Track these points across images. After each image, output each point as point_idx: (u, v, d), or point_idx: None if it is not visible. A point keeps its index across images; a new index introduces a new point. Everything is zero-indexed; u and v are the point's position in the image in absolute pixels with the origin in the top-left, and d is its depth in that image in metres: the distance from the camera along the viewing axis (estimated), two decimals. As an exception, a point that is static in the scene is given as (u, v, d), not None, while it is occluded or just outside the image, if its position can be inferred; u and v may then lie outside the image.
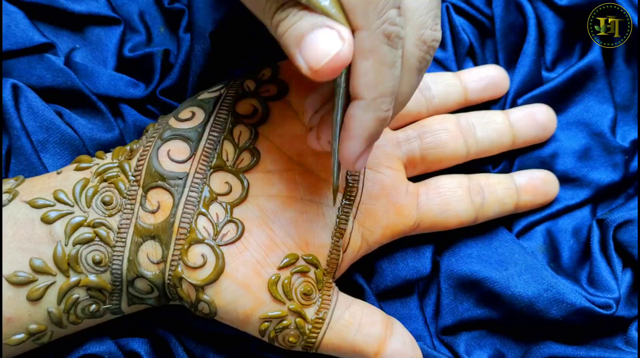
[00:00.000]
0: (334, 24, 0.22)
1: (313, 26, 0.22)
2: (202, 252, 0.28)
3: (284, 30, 0.23)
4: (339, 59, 0.22)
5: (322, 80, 0.23)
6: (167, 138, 0.30)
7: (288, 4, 0.23)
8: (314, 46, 0.22)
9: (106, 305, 0.29)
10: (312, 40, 0.22)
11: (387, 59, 0.23)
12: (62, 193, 0.29)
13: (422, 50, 0.25)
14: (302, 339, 0.29)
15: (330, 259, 0.31)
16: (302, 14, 0.23)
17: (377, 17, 0.22)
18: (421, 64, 0.25)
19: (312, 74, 0.22)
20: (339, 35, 0.22)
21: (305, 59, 0.22)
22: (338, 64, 0.22)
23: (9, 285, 0.27)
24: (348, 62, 0.22)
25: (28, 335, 0.28)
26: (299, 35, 0.23)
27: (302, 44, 0.22)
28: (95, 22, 0.37)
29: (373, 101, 0.24)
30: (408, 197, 0.33)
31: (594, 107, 0.38)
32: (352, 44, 0.22)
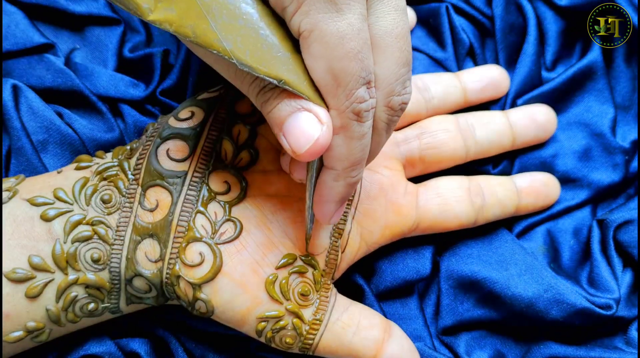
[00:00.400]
0: (312, 106, 0.24)
1: (293, 109, 0.24)
2: (200, 250, 0.28)
3: (266, 112, 0.25)
4: (319, 145, 0.24)
5: (304, 161, 0.24)
6: (167, 137, 0.30)
7: (267, 87, 0.24)
8: (294, 130, 0.24)
9: (104, 303, 0.29)
10: (292, 125, 0.24)
11: (356, 134, 0.24)
12: (62, 192, 0.29)
13: (390, 114, 0.26)
14: (299, 340, 0.29)
15: (329, 260, 0.31)
16: (281, 98, 0.24)
17: (346, 98, 0.24)
18: (389, 125, 0.26)
19: (296, 157, 0.24)
20: (317, 119, 0.23)
21: (289, 143, 0.24)
22: (318, 148, 0.24)
23: (8, 281, 0.27)
24: (327, 144, 0.24)
25: (26, 332, 0.28)
26: (279, 119, 0.24)
27: (283, 127, 0.24)
28: (95, 23, 0.37)
29: (343, 170, 0.25)
30: (407, 197, 0.33)
31: (594, 107, 0.38)
32: (330, 127, 0.24)
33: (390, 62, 0.25)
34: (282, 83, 0.23)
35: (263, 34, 0.23)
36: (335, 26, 0.23)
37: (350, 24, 0.23)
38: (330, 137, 0.24)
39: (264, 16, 0.24)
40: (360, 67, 0.23)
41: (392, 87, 0.25)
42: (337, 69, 0.23)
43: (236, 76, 0.25)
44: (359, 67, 0.23)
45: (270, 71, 0.23)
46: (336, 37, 0.23)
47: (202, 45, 0.23)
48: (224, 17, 0.23)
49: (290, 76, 0.23)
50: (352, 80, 0.23)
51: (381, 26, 0.25)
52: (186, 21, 0.23)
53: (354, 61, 0.23)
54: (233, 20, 0.23)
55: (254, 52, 0.23)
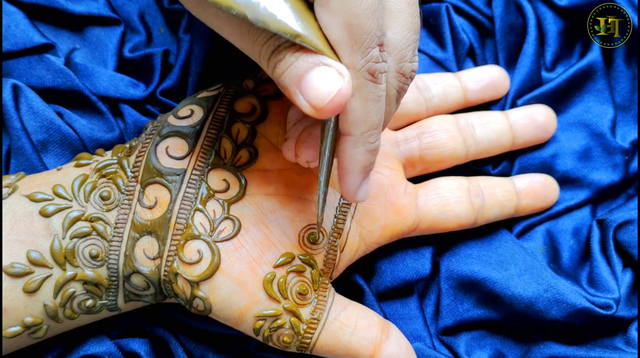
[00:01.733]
0: (331, 61, 0.23)
1: (311, 65, 0.23)
2: (198, 248, 0.28)
3: (281, 71, 0.24)
4: (342, 96, 0.23)
5: (324, 118, 0.23)
6: (166, 135, 0.30)
7: (283, 45, 0.23)
8: (314, 84, 0.23)
9: (102, 300, 0.29)
10: (312, 80, 0.23)
11: (372, 95, 0.24)
12: (61, 188, 0.29)
13: (401, 81, 0.26)
14: (297, 339, 0.29)
15: (327, 259, 0.31)
16: (298, 55, 0.23)
17: (362, 56, 0.23)
18: (400, 93, 0.26)
19: (315, 113, 0.23)
20: (337, 73, 0.23)
21: (307, 98, 0.23)
22: (341, 101, 0.23)
23: (6, 276, 0.27)
24: (349, 98, 0.23)
25: (24, 327, 0.28)
26: (297, 76, 0.23)
27: (301, 84, 0.23)
28: (95, 23, 0.37)
29: (361, 135, 0.25)
30: (407, 197, 0.33)
31: (593, 107, 0.38)
32: (350, 81, 0.23)
33: (403, 27, 0.25)
34: (299, 39, 0.23)
35: None
36: None
37: None
38: (351, 90, 0.23)
39: None
40: (376, 26, 0.23)
41: (404, 52, 0.25)
42: (355, 25, 0.23)
43: (248, 37, 0.24)
44: (375, 25, 0.23)
45: (286, 26, 0.23)
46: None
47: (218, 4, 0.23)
48: None
49: (307, 31, 0.23)
50: (368, 37, 0.23)
51: None
52: None
53: (371, 18, 0.23)
54: None
55: (268, 6, 0.23)
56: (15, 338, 0.28)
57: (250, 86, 0.32)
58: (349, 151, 0.25)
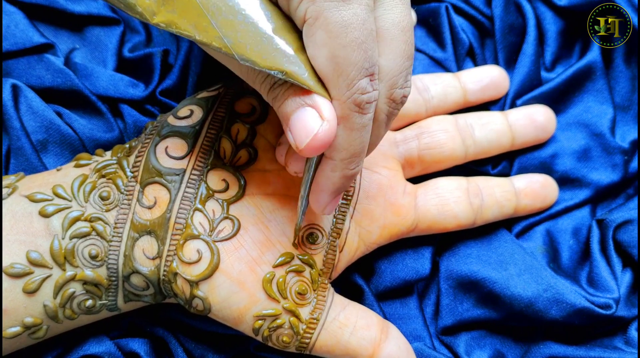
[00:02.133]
0: (317, 102, 0.24)
1: (297, 105, 0.24)
2: (198, 248, 0.28)
3: (277, 107, 0.25)
4: (318, 140, 0.24)
5: (306, 156, 0.24)
6: (165, 135, 0.30)
7: (278, 82, 0.25)
8: (297, 125, 0.24)
9: (102, 300, 0.29)
10: (296, 120, 0.24)
11: (357, 125, 0.24)
12: (61, 188, 0.29)
13: (392, 106, 0.26)
14: (296, 339, 0.29)
15: (327, 259, 0.31)
16: (288, 93, 0.24)
17: (347, 88, 0.23)
18: (389, 118, 0.26)
19: (298, 152, 0.24)
20: (318, 115, 0.24)
21: (293, 137, 0.24)
22: (318, 143, 0.24)
23: (6, 276, 0.27)
24: (328, 140, 0.24)
25: (23, 328, 0.28)
26: (286, 114, 0.25)
27: (289, 123, 0.24)
28: (94, 23, 0.37)
29: (341, 161, 0.25)
30: (406, 197, 0.33)
31: (593, 107, 0.38)
32: (333, 122, 0.24)
33: (396, 55, 0.25)
34: (284, 75, 0.23)
35: (262, 28, 0.23)
36: (340, 15, 0.23)
37: (355, 14, 0.23)
38: (333, 133, 0.24)
39: (265, 10, 0.24)
40: (363, 58, 0.23)
41: (396, 79, 0.25)
42: (340, 58, 0.23)
43: (248, 74, 0.26)
44: (361, 58, 0.23)
45: (271, 63, 0.23)
46: (340, 26, 0.23)
47: (205, 44, 0.23)
48: (223, 13, 0.23)
49: (292, 67, 0.23)
50: (354, 70, 0.23)
51: (388, 18, 0.25)
52: (188, 21, 0.23)
53: (357, 51, 0.23)
54: (232, 16, 0.23)
55: (255, 46, 0.23)
56: (15, 338, 0.28)
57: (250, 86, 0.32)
58: (327, 173, 0.26)
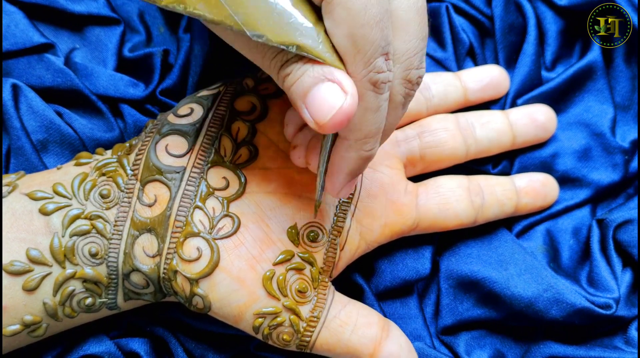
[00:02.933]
0: (337, 75, 0.23)
1: (316, 80, 0.23)
2: (198, 245, 0.28)
3: (289, 85, 0.24)
4: (342, 114, 0.23)
5: (327, 133, 0.24)
6: (166, 133, 0.30)
7: (291, 59, 0.24)
8: (317, 101, 0.23)
9: (102, 298, 0.29)
10: (316, 95, 0.23)
11: (372, 105, 0.24)
12: (61, 186, 0.29)
13: (407, 87, 0.26)
14: (297, 337, 0.29)
15: (327, 257, 0.31)
16: (305, 69, 0.23)
17: (364, 66, 0.23)
18: (406, 99, 0.26)
19: (318, 128, 0.23)
20: (341, 89, 0.23)
21: (311, 113, 0.23)
22: (343, 118, 0.23)
23: (5, 274, 0.27)
24: (352, 115, 0.23)
25: (23, 326, 0.28)
26: (303, 90, 0.23)
27: (306, 99, 0.23)
28: (94, 23, 0.37)
29: (356, 142, 0.25)
30: (407, 196, 0.33)
31: (593, 107, 0.38)
32: (355, 96, 0.23)
33: (411, 36, 0.25)
34: (298, 49, 0.23)
35: (272, 2, 0.23)
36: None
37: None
38: (355, 107, 0.23)
39: None
40: (381, 36, 0.23)
41: (411, 60, 0.25)
42: (358, 35, 0.23)
43: (257, 52, 0.25)
44: (379, 36, 0.23)
45: (284, 38, 0.23)
46: (360, 3, 0.22)
47: (215, 22, 0.23)
48: None
49: (306, 40, 0.23)
50: (371, 48, 0.23)
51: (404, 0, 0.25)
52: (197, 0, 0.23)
53: (375, 29, 0.23)
54: None
55: (266, 21, 0.23)
56: (15, 336, 0.28)
57: (250, 84, 0.32)
58: (342, 153, 0.26)
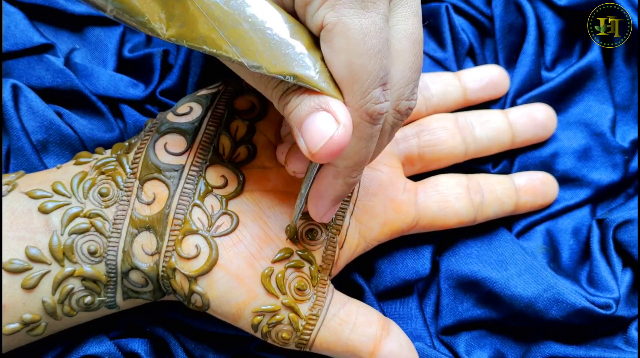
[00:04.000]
0: (332, 106, 0.23)
1: (311, 110, 0.24)
2: (196, 243, 0.28)
3: (287, 113, 0.25)
4: (333, 143, 0.23)
5: (318, 162, 0.24)
6: (165, 132, 0.30)
7: (291, 88, 0.24)
8: (310, 129, 0.23)
9: (101, 297, 0.29)
10: (310, 124, 0.24)
11: (366, 135, 0.24)
12: (60, 185, 0.29)
13: (397, 118, 0.26)
14: (296, 335, 0.29)
15: (326, 255, 0.31)
16: (302, 98, 0.24)
17: (361, 97, 0.23)
18: (393, 129, 0.26)
19: (311, 157, 0.23)
20: (334, 119, 0.23)
21: (305, 142, 0.23)
22: (333, 148, 0.23)
23: (5, 272, 0.27)
24: (344, 145, 0.23)
25: (22, 325, 0.28)
26: (299, 119, 0.24)
27: (302, 127, 0.24)
28: (94, 23, 0.37)
29: (345, 169, 0.25)
30: (406, 194, 0.33)
31: (593, 107, 0.38)
32: (348, 127, 0.23)
33: (405, 66, 0.25)
34: (295, 79, 0.23)
35: (270, 34, 0.24)
36: (360, 22, 0.23)
37: (374, 22, 0.23)
38: (348, 138, 0.23)
39: (271, 16, 0.24)
40: (379, 67, 0.23)
41: (403, 91, 0.25)
42: (357, 65, 0.23)
43: (260, 82, 0.25)
44: (377, 66, 0.23)
45: (281, 68, 0.23)
46: (359, 33, 0.23)
47: (215, 54, 0.24)
48: (230, 23, 0.23)
49: (303, 70, 0.24)
50: (369, 78, 0.23)
51: (400, 29, 0.25)
52: (197, 34, 0.24)
53: (373, 59, 0.23)
54: (238, 25, 0.23)
55: (263, 52, 0.23)
56: (14, 335, 0.28)
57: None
58: (329, 180, 0.26)
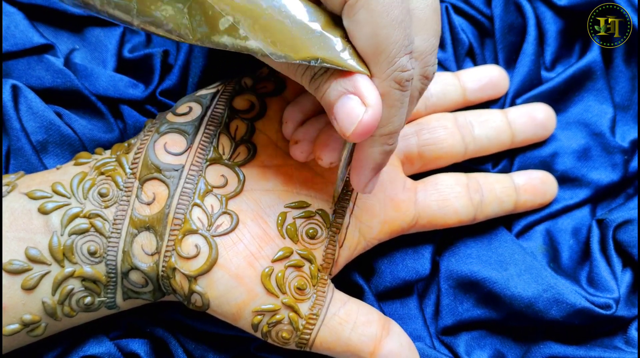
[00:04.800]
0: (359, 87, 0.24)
1: (339, 94, 0.24)
2: (196, 242, 0.28)
3: (320, 98, 0.26)
4: (364, 126, 0.24)
5: (354, 142, 0.25)
6: (164, 132, 0.30)
7: (318, 72, 0.25)
8: (341, 114, 0.24)
9: (101, 297, 0.29)
10: (340, 109, 0.24)
11: (397, 102, 0.25)
12: (60, 186, 0.29)
13: (424, 83, 0.27)
14: (296, 335, 0.29)
15: (326, 254, 0.31)
16: (330, 82, 0.25)
17: (388, 66, 0.24)
18: (420, 94, 0.27)
19: (347, 139, 0.25)
20: (361, 102, 0.24)
21: (338, 125, 0.24)
22: (364, 129, 0.24)
23: (4, 273, 0.27)
24: (374, 125, 0.24)
25: (22, 325, 0.28)
26: (330, 104, 0.25)
27: (333, 111, 0.25)
28: (94, 23, 0.37)
29: (380, 137, 0.26)
30: (406, 192, 0.33)
31: (593, 107, 0.38)
32: (376, 107, 0.24)
33: (429, 34, 0.26)
34: (320, 62, 0.24)
35: (289, 23, 0.24)
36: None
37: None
38: (378, 118, 0.24)
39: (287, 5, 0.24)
40: (404, 36, 0.24)
41: (429, 58, 0.26)
42: (382, 36, 0.23)
43: (289, 70, 0.26)
44: (402, 36, 0.24)
45: (304, 54, 0.24)
46: (382, 5, 0.23)
47: (239, 51, 0.24)
48: (248, 19, 0.24)
49: (326, 52, 0.24)
50: (395, 48, 0.24)
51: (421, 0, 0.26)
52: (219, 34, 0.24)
53: (397, 29, 0.23)
54: (256, 20, 0.24)
55: (285, 40, 0.24)
56: (14, 336, 0.28)
57: (248, 83, 0.32)
58: (367, 149, 0.26)
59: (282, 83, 0.32)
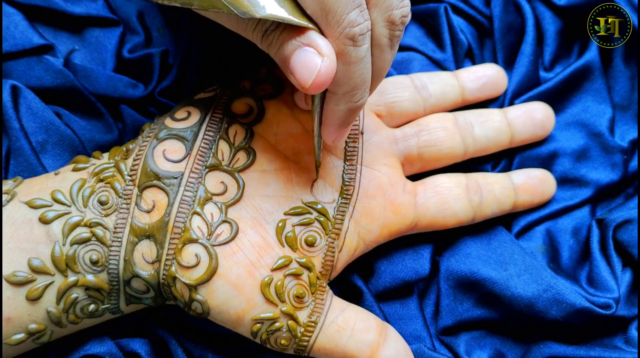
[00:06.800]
0: (313, 40, 0.24)
1: (295, 47, 0.25)
2: (196, 252, 0.28)
3: (273, 53, 0.26)
4: (322, 76, 0.24)
5: (312, 93, 0.25)
6: (163, 138, 0.30)
7: (270, 28, 0.25)
8: (298, 66, 0.25)
9: (105, 304, 0.29)
10: (296, 62, 0.25)
11: (353, 58, 0.25)
12: (60, 194, 0.29)
13: (391, 29, 0.26)
14: (294, 342, 0.29)
15: (325, 262, 0.31)
16: (283, 37, 0.25)
17: (337, 25, 0.24)
18: (392, 40, 0.27)
19: (305, 91, 0.25)
20: (317, 52, 0.24)
21: (296, 78, 0.25)
22: (323, 79, 0.24)
23: (8, 284, 0.27)
24: (332, 74, 0.24)
25: (28, 334, 0.28)
26: (285, 58, 0.25)
27: (289, 66, 0.25)
28: (94, 24, 0.37)
29: (344, 95, 0.26)
30: (405, 195, 0.33)
31: (592, 107, 0.38)
32: (331, 56, 0.24)
33: None
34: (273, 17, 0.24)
35: None
36: None
37: None
38: (334, 67, 0.24)
39: None
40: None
41: (390, 2, 0.26)
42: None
43: (239, 25, 0.26)
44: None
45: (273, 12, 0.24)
46: None
47: (204, 8, 0.25)
48: None
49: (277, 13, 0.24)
50: (340, 5, 0.24)
51: None
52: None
53: None
54: None
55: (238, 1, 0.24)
56: (20, 345, 0.28)
57: (247, 86, 0.32)
58: (332, 107, 0.27)
59: (281, 84, 0.32)
